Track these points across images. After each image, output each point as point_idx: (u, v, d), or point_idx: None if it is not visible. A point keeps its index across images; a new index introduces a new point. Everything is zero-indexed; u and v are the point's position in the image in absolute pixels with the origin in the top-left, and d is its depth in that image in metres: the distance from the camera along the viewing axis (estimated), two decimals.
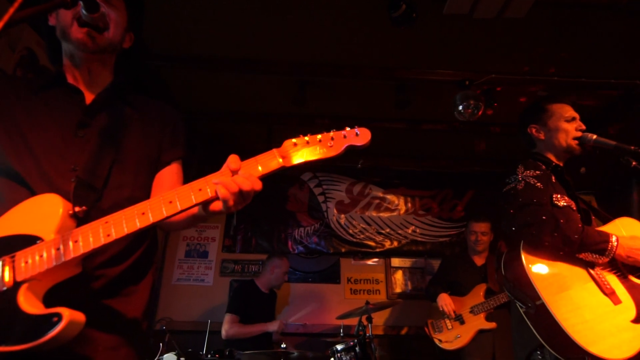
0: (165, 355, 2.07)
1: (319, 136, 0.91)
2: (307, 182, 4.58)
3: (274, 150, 0.89)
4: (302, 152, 0.89)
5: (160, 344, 2.10)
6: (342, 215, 4.46)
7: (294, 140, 0.90)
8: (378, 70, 2.99)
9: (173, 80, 3.21)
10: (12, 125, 0.99)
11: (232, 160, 0.86)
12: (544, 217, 1.41)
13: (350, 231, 4.40)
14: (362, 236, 4.39)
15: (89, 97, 1.09)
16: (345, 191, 4.58)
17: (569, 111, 1.74)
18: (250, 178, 0.84)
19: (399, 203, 4.57)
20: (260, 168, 0.87)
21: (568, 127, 1.70)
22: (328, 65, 2.97)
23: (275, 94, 3.33)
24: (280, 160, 0.88)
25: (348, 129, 0.91)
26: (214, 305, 4.02)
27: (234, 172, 0.85)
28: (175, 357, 2.03)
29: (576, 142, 1.68)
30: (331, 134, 0.91)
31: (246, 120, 3.68)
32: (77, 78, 1.10)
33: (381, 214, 4.51)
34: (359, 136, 0.90)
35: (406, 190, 4.62)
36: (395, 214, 4.52)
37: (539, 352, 1.46)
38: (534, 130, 1.79)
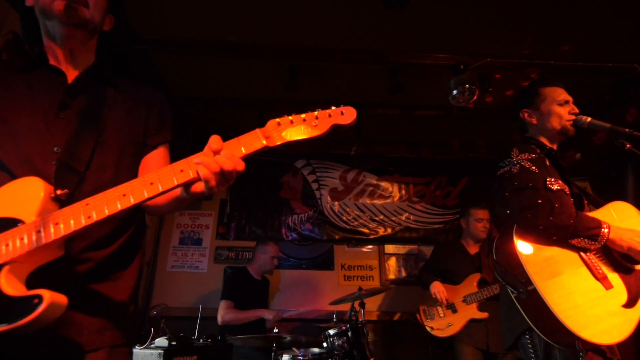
0: (156, 340, 2.08)
1: (303, 115, 0.89)
2: (300, 170, 4.55)
3: (257, 130, 0.88)
4: (286, 132, 0.87)
5: (152, 329, 2.10)
6: (336, 203, 4.45)
7: (277, 120, 0.88)
8: (370, 54, 2.93)
9: (163, 65, 3.14)
10: None
11: (214, 140, 0.84)
12: (539, 201, 1.39)
13: (344, 218, 4.40)
14: (355, 223, 4.39)
15: (70, 78, 1.06)
16: (339, 178, 4.56)
17: (562, 94, 1.71)
18: (233, 158, 0.82)
19: (393, 190, 4.56)
20: (243, 149, 0.86)
21: (561, 110, 1.68)
22: (319, 50, 2.90)
23: (266, 80, 3.27)
24: (264, 140, 0.86)
25: (333, 107, 0.90)
26: (209, 291, 4.04)
27: (216, 153, 0.83)
28: (167, 342, 2.04)
29: (570, 123, 1.67)
30: (316, 113, 0.89)
31: (237, 107, 3.63)
32: (58, 59, 1.07)
33: (375, 201, 4.51)
34: (344, 115, 0.89)
35: (400, 177, 4.61)
36: (389, 201, 4.52)
37: (527, 336, 1.46)
38: (526, 114, 1.76)
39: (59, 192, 0.88)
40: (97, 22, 1.09)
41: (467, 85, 2.90)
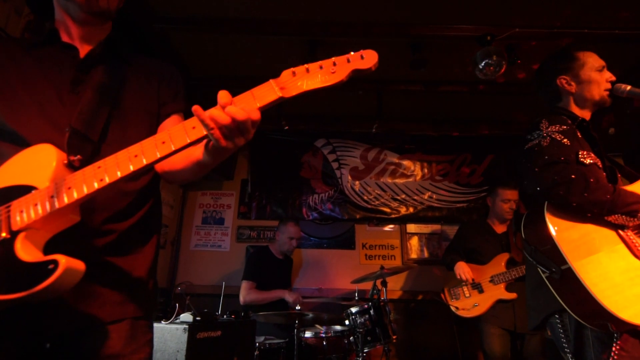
0: (182, 315, 2.14)
1: (320, 63, 0.83)
2: (320, 149, 4.52)
3: (271, 80, 0.82)
4: (302, 81, 0.81)
5: (177, 305, 2.16)
6: (357, 182, 4.41)
7: (292, 69, 0.83)
8: (392, 27, 2.81)
9: (182, 45, 3.13)
10: (7, 85, 0.97)
11: (222, 95, 0.78)
12: (573, 177, 1.30)
13: (365, 197, 4.36)
14: (377, 202, 4.35)
15: (83, 53, 1.05)
16: (359, 157, 4.50)
17: (598, 60, 1.59)
18: (246, 108, 0.77)
19: (415, 169, 4.47)
20: (257, 103, 0.81)
21: (599, 77, 1.55)
22: (339, 24, 2.81)
23: (285, 56, 3.21)
24: (279, 92, 0.81)
25: (352, 53, 0.83)
26: (231, 270, 4.13)
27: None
28: (191, 317, 2.09)
29: (607, 93, 1.55)
30: (333, 59, 0.83)
31: (257, 85, 3.59)
32: (71, 34, 1.06)
33: (396, 180, 4.44)
34: (365, 59, 0.82)
35: (422, 156, 4.51)
36: (411, 180, 4.44)
37: (557, 316, 1.40)
38: (564, 82, 1.61)
39: (72, 158, 0.87)
40: (114, 9, 1.07)
41: (494, 58, 2.76)
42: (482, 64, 2.79)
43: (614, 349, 1.21)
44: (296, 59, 3.11)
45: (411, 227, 4.38)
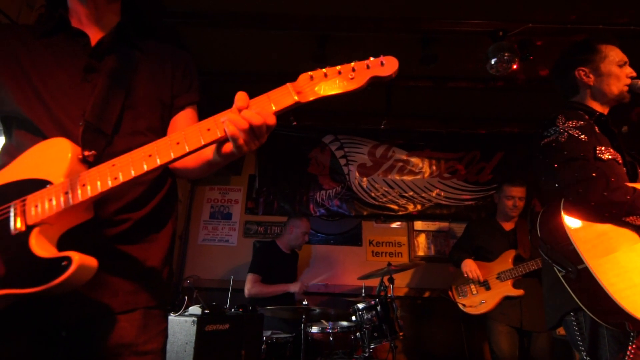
0: (190, 308, 2.15)
1: (339, 67, 0.81)
2: (328, 145, 4.50)
3: (288, 84, 0.81)
4: (320, 86, 0.80)
5: (186, 298, 2.17)
6: (364, 179, 4.39)
7: (310, 73, 0.81)
8: (402, 21, 2.79)
9: (192, 40, 3.12)
10: (20, 74, 0.96)
11: (239, 97, 0.78)
12: (593, 174, 1.27)
13: (373, 194, 4.34)
14: (384, 199, 4.33)
15: (94, 41, 1.04)
16: (367, 154, 4.47)
17: (620, 54, 1.54)
18: (262, 112, 0.77)
19: (423, 166, 4.44)
20: (273, 106, 0.80)
21: (620, 72, 1.51)
22: (348, 18, 2.79)
23: (294, 51, 3.20)
24: (295, 96, 0.80)
25: (372, 58, 0.81)
26: (238, 264, 4.14)
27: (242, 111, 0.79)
28: (200, 310, 2.10)
29: (627, 89, 1.52)
30: (352, 64, 0.81)
31: (266, 80, 3.58)
32: (82, 21, 1.05)
33: (404, 177, 4.41)
34: (385, 66, 0.80)
35: (431, 153, 4.47)
36: (419, 177, 4.41)
37: (572, 314, 1.38)
38: (582, 73, 1.57)
39: (86, 153, 0.87)
40: None
41: (506, 54, 2.72)
42: (494, 60, 2.76)
43: (630, 348, 1.19)
44: (305, 54, 3.10)
45: (418, 225, 4.36)
